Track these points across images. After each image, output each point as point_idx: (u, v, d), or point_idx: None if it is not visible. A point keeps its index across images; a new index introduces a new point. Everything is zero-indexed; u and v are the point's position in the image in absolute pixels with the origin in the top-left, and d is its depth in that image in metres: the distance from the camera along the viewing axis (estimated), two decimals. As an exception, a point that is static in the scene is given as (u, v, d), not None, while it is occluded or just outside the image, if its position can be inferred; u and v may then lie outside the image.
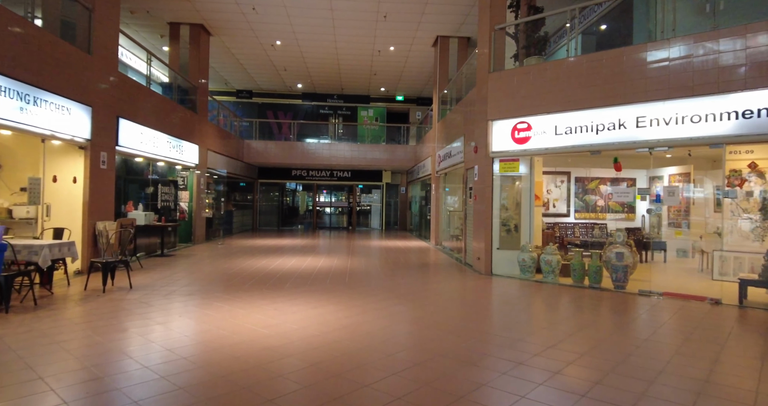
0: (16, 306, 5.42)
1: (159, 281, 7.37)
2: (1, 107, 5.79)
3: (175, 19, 12.96)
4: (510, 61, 9.00)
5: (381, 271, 8.84)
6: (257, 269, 8.71)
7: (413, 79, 18.66)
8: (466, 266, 9.73)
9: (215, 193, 15.61)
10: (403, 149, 19.34)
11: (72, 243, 6.09)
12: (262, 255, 10.99)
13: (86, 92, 7.67)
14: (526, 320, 5.46)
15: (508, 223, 8.56)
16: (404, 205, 22.39)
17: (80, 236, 7.81)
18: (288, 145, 19.03)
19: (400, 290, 7.00)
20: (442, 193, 13.87)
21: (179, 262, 9.64)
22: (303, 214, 24.13)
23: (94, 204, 8.04)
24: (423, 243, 14.81)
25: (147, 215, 10.40)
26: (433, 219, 14.40)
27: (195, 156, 13.15)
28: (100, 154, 8.15)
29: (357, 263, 9.92)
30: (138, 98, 9.63)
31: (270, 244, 13.87)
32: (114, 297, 6.04)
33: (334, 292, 6.69)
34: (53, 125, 6.81)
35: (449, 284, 7.71)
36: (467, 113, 10.17)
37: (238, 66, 17.39)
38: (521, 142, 8.12)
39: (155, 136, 10.46)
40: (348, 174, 21.37)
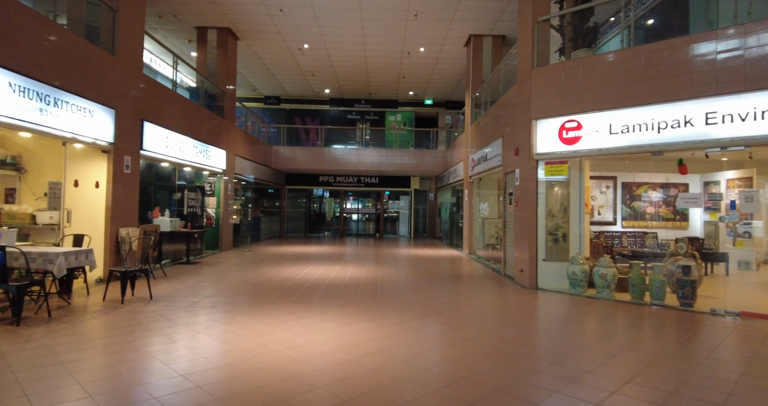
0: (30, 318, 5.07)
1: (181, 290, 6.97)
2: (19, 108, 5.51)
3: (202, 23, 12.81)
4: (554, 56, 8.32)
5: (414, 283, 8.23)
6: (284, 279, 8.24)
7: (443, 82, 18.07)
8: (506, 278, 9.01)
9: (243, 199, 15.36)
10: (432, 154, 18.72)
11: (90, 251, 5.74)
12: (289, 263, 10.54)
13: (109, 94, 7.40)
14: (589, 345, 4.75)
15: (556, 232, 7.82)
16: (433, 212, 21.72)
17: (102, 243, 7.51)
18: (315, 151, 18.70)
19: (438, 305, 6.37)
20: (475, 200, 13.17)
21: (204, 270, 9.28)
22: (330, 220, 23.74)
23: (117, 210, 7.74)
24: (455, 252, 14.11)
25: (173, 221, 10.13)
26: (465, 227, 13.70)
27: (222, 161, 12.89)
28: (123, 159, 7.87)
29: (387, 273, 9.34)
30: (164, 101, 9.39)
31: (297, 251, 13.46)
32: (132, 309, 5.64)
33: (365, 306, 6.12)
34: (74, 128, 6.53)
35: (491, 299, 7.03)
36: (505, 114, 9.51)
37: (266, 71, 17.20)
38: (570, 143, 7.41)
39: (181, 141, 10.21)
40: (375, 180, 20.88)
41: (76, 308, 5.61)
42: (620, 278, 7.46)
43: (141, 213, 10.59)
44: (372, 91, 19.70)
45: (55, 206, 6.78)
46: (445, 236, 19.01)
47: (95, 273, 7.40)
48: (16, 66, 5.46)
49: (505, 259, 9.39)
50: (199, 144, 11.22)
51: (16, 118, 5.47)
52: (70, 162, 7.38)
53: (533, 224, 7.83)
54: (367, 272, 9.30)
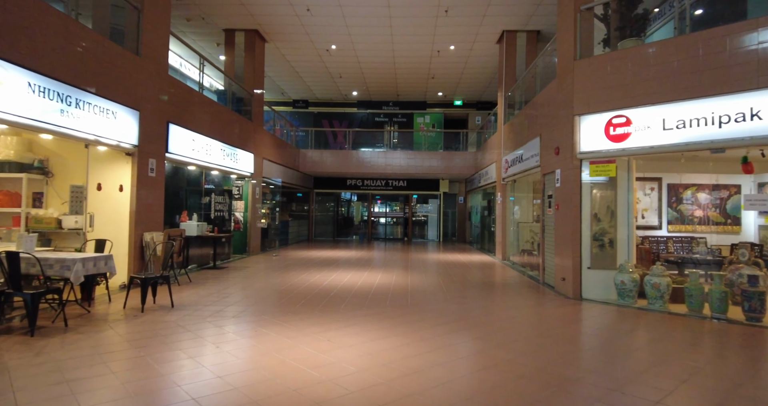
0: (46, 327, 4.88)
1: (205, 298, 6.71)
2: (39, 109, 5.37)
3: (229, 25, 12.73)
4: (598, 47, 7.71)
5: (447, 291, 7.74)
6: (311, 286, 7.90)
7: (473, 82, 17.50)
8: (545, 286, 8.40)
9: (271, 203, 15.21)
10: (462, 156, 18.15)
11: (109, 257, 5.54)
12: (317, 269, 10.23)
13: (133, 95, 7.27)
14: (650, 367, 4.16)
15: (602, 237, 7.19)
16: (463, 215, 21.10)
17: (126, 248, 7.36)
18: (343, 154, 18.44)
19: (475, 317, 5.87)
20: (509, 203, 12.56)
21: (230, 275, 9.05)
22: (358, 224, 23.44)
23: (142, 214, 7.59)
24: (487, 257, 13.50)
25: (200, 225, 9.97)
26: (498, 231, 13.09)
27: (250, 165, 12.74)
28: (148, 161, 7.73)
29: (417, 279, 8.88)
30: (190, 104, 9.25)
31: (325, 256, 13.15)
32: (151, 318, 5.39)
33: (396, 318, 5.68)
34: (97, 130, 6.38)
35: (532, 311, 6.47)
36: (543, 111, 8.93)
37: (294, 74, 17.07)
38: (618, 140, 6.78)
39: (208, 144, 10.06)
40: (404, 183, 20.46)
41: (94, 317, 5.40)
42: (674, 288, 6.77)
43: (169, 217, 10.51)
44: (400, 93, 19.31)
45: (77, 210, 6.65)
46: (476, 241, 18.37)
47: (119, 279, 7.25)
48: (36, 65, 5.32)
49: (543, 266, 8.78)
50: (226, 147, 11.08)
51: (35, 120, 5.32)
52: (94, 165, 7.28)
53: (576, 228, 7.23)
54: (396, 279, 8.87)
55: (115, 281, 7.22)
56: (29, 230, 7.41)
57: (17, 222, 7.36)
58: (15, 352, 4.07)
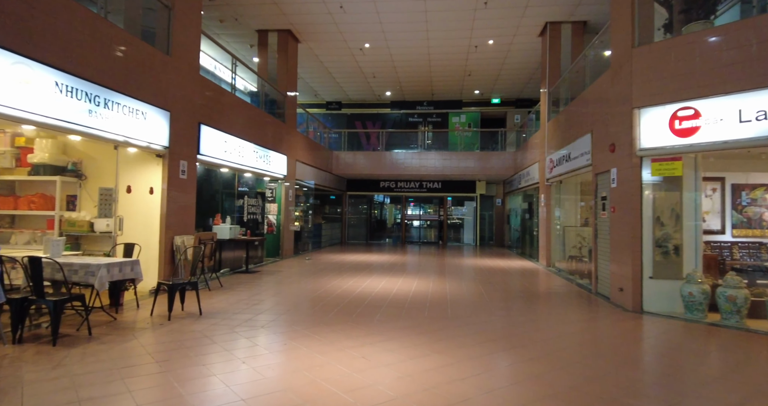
0: (70, 335, 4.67)
1: (235, 304, 6.43)
2: (66, 109, 5.21)
3: (262, 25, 12.59)
4: (658, 33, 6.98)
5: (489, 301, 7.17)
6: (344, 293, 7.51)
7: (512, 78, 16.77)
8: (598, 297, 7.70)
9: (304, 205, 15.00)
10: (500, 157, 17.41)
11: (136, 262, 5.31)
12: (350, 273, 9.84)
13: (164, 96, 7.10)
14: (741, 401, 3.51)
15: (665, 243, 6.45)
16: (500, 218, 20.30)
17: (157, 252, 7.19)
18: (376, 155, 18.07)
19: (524, 333, 5.30)
20: (554, 205, 11.81)
21: (262, 280, 8.79)
22: (391, 227, 23.02)
23: (173, 217, 7.41)
24: (529, 263, 12.77)
25: (232, 228, 9.79)
26: (542, 236, 12.34)
27: (283, 167, 12.54)
28: (179, 163, 7.55)
29: (457, 287, 8.34)
30: (222, 105, 9.08)
31: (358, 260, 12.78)
32: (177, 327, 5.12)
33: (436, 332, 5.19)
34: (126, 131, 6.21)
35: (588, 326, 5.83)
36: (595, 106, 8.23)
37: (327, 75, 16.86)
38: (685, 135, 6.05)
39: (241, 146, 9.88)
40: (438, 185, 19.88)
41: (120, 325, 5.17)
42: (753, 302, 5.97)
43: (202, 220, 10.40)
44: (435, 92, 18.78)
45: (106, 213, 6.51)
46: (515, 245, 17.58)
47: (149, 284, 7.08)
48: (63, 64, 5.16)
49: (596, 274, 8.06)
50: (259, 149, 10.89)
51: (63, 120, 5.16)
52: (124, 167, 7.16)
53: (636, 233, 6.52)
54: (433, 286, 8.36)
55: (145, 286, 7.06)
56: (62, 233, 7.37)
57: (52, 225, 7.33)
58: (34, 364, 3.84)
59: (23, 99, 4.68)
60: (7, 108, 4.53)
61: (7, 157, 7.45)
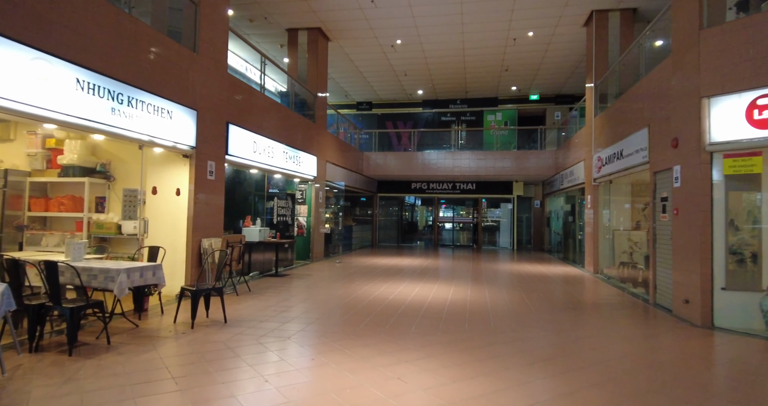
0: (89, 344, 4.41)
1: (262, 311, 6.09)
2: (88, 107, 4.99)
3: (292, 24, 12.35)
4: (729, 12, 6.20)
5: (536, 312, 6.56)
6: (376, 300, 7.07)
7: (553, 73, 15.94)
8: (657, 308, 6.94)
9: (334, 207, 14.68)
10: (539, 156, 16.57)
11: (158, 267, 5.03)
12: (382, 278, 9.40)
13: (190, 94, 6.86)
14: None
15: (741, 250, 5.67)
16: (539, 221, 19.41)
17: (184, 255, 6.96)
18: (407, 156, 17.58)
19: (583, 352, 4.70)
20: (602, 207, 11.00)
21: (292, 284, 8.46)
22: (423, 230, 22.47)
23: (200, 219, 7.17)
24: (573, 269, 11.97)
25: (261, 230, 9.53)
26: (588, 240, 11.53)
27: (313, 168, 12.25)
28: (207, 164, 7.31)
29: (497, 295, 7.75)
30: (251, 104, 8.82)
31: (389, 263, 12.32)
32: (200, 337, 4.79)
33: (480, 349, 4.66)
34: (151, 130, 5.98)
35: (654, 343, 5.15)
36: (652, 97, 7.47)
37: (358, 74, 16.51)
38: (766, 126, 5.29)
39: (270, 146, 9.61)
40: (472, 186, 19.20)
41: (141, 333, 4.90)
42: None
43: (232, 222, 10.20)
44: (469, 89, 18.13)
45: (130, 215, 6.30)
46: (557, 250, 16.69)
47: (175, 288, 6.83)
48: (85, 61, 4.94)
49: (655, 283, 7.30)
50: (289, 149, 10.62)
51: (84, 118, 4.94)
52: (151, 168, 6.96)
53: (705, 238, 5.77)
54: (471, 294, 7.79)
55: (172, 290, 6.82)
56: (90, 235, 7.25)
57: (80, 227, 7.22)
58: (45, 376, 3.56)
59: (43, 96, 4.47)
60: (25, 105, 4.32)
61: (38, 158, 7.40)
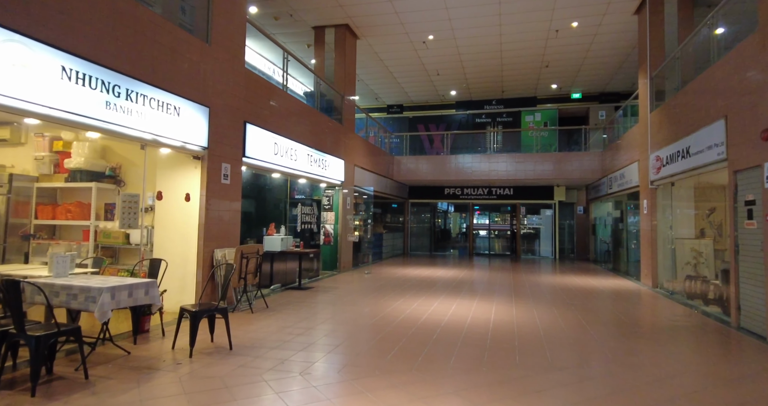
0: (65, 377, 3.73)
1: (276, 334, 5.31)
2: (76, 100, 4.37)
3: (319, 21, 11.73)
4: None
5: (598, 338, 5.51)
6: (407, 320, 6.18)
7: (597, 68, 14.71)
8: (743, 333, 5.74)
9: (364, 214, 13.90)
10: (583, 158, 15.28)
11: (151, 284, 4.32)
12: (414, 292, 8.50)
13: (201, 89, 6.22)
14: None
15: None
16: (583, 228, 18.02)
17: (194, 268, 6.29)
18: (440, 160, 16.63)
19: (677, 400, 3.66)
20: (662, 213, 9.75)
21: (315, 299, 7.69)
22: (456, 237, 21.40)
23: (213, 227, 6.50)
24: (626, 282, 10.70)
25: (284, 239, 8.83)
26: (645, 250, 10.26)
27: (341, 172, 11.53)
28: (221, 167, 6.65)
29: (548, 316, 6.71)
30: (271, 101, 8.16)
31: (422, 275, 11.40)
32: (196, 370, 4.04)
33: (541, 393, 3.70)
34: (154, 127, 5.35)
35: (763, 388, 4.04)
36: (729, 83, 6.33)
37: (387, 75, 15.77)
38: None
39: (293, 148, 8.92)
40: (510, 191, 18.03)
41: (130, 363, 4.19)
42: None
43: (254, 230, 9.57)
44: (505, 89, 17.07)
45: (130, 223, 5.67)
46: (604, 260, 15.33)
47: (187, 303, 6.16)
48: (73, 46, 4.34)
49: (737, 303, 6.10)
50: (314, 152, 9.92)
51: (71, 112, 4.33)
52: (158, 171, 6.37)
53: (819, 252, 4.61)
54: (518, 314, 6.79)
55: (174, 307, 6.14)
56: (98, 245, 6.71)
57: (88, 236, 6.70)
58: (-3, 425, 2.88)
59: (20, 86, 3.87)
60: None
61: (45, 162, 6.94)
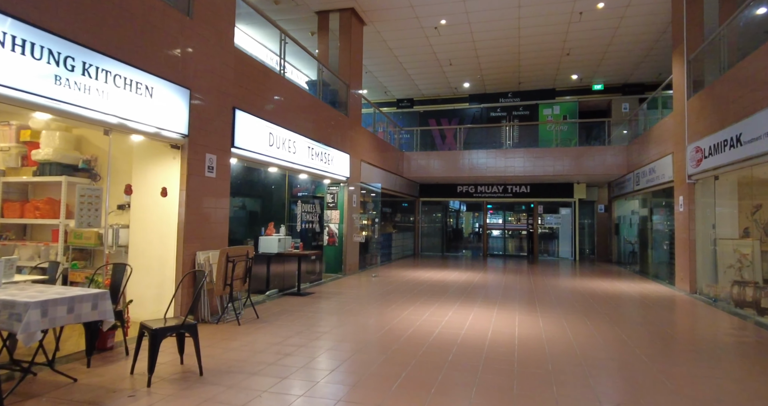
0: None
1: (260, 353, 4.50)
2: (12, 70, 3.60)
3: (322, 5, 10.92)
4: None
5: (649, 361, 4.60)
6: (418, 334, 5.33)
7: (622, 56, 13.68)
8: (825, 355, 4.80)
9: (373, 213, 13.08)
10: (605, 153, 14.25)
11: (100, 295, 3.50)
12: (425, 299, 7.65)
13: (181, 68, 5.44)
14: None
15: None
16: (604, 228, 16.99)
17: (173, 273, 5.51)
18: (452, 156, 15.71)
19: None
20: (701, 210, 8.77)
21: (314, 307, 6.88)
22: (469, 237, 20.47)
23: (195, 226, 5.71)
24: (659, 287, 9.72)
25: (282, 240, 8.05)
26: (681, 251, 9.27)
27: (345, 168, 10.72)
28: (205, 157, 5.86)
29: (582, 330, 5.80)
30: (266, 88, 7.37)
31: (434, 278, 10.54)
32: (155, 402, 3.24)
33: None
34: (120, 109, 4.57)
35: None
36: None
37: (397, 66, 14.91)
38: None
39: (291, 140, 8.13)
40: (526, 189, 17.06)
41: (69, 396, 3.39)
42: None
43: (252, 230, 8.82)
44: (522, 80, 16.10)
45: (89, 221, 4.89)
46: (629, 261, 14.31)
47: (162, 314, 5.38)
48: (11, 7, 3.57)
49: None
50: (316, 145, 9.12)
51: (4, 86, 3.55)
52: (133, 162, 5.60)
53: None
54: (546, 327, 5.90)
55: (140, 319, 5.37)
56: (69, 246, 5.97)
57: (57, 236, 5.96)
58: None
59: (-66, 50, 3.11)
60: None
61: (12, 154, 6.21)
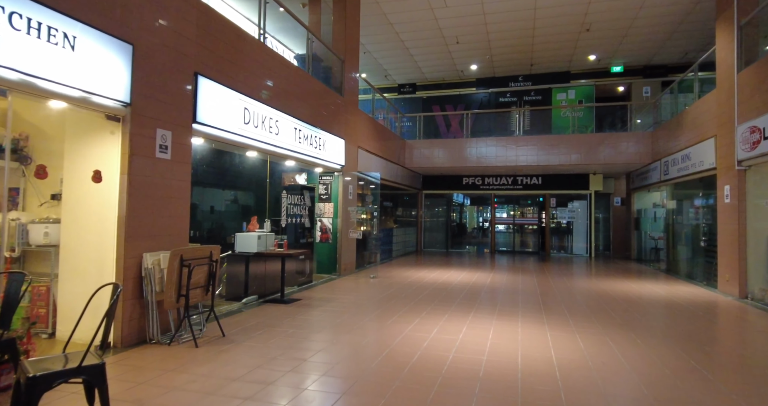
0: None
1: (210, 396, 3.30)
2: None
3: (314, -30, 9.66)
4: None
5: (713, 395, 3.40)
6: (426, 362, 4.13)
7: (647, 33, 12.37)
8: None
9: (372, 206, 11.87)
10: (627, 140, 12.95)
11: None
12: (432, 307, 6.45)
13: (120, 17, 4.20)
14: None
15: None
16: (621, 222, 15.77)
17: (113, 279, 4.31)
18: (458, 144, 14.45)
19: None
20: (752, 202, 7.54)
21: (298, 321, 5.67)
22: (473, 232, 19.29)
23: (142, 221, 4.50)
24: (696, 290, 8.50)
25: (262, 237, 6.85)
26: (726, 249, 8.05)
27: (340, 154, 9.49)
28: (156, 134, 4.63)
29: (629, 349, 4.60)
30: (240, 53, 6.12)
31: (439, 279, 9.34)
32: None
33: None
34: (22, 62, 3.34)
35: None
36: None
37: (399, 45, 13.60)
38: None
39: (273, 118, 6.90)
40: (538, 180, 15.84)
41: None
42: None
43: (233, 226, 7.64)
44: (535, 61, 14.80)
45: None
46: (650, 259, 13.11)
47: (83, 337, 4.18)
48: None
49: None
50: (304, 126, 7.89)
51: None
52: (66, 139, 4.39)
53: None
54: (587, 350, 4.69)
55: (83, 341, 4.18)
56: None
57: (-27, 233, 4.76)
58: None
59: None
60: None
61: None
